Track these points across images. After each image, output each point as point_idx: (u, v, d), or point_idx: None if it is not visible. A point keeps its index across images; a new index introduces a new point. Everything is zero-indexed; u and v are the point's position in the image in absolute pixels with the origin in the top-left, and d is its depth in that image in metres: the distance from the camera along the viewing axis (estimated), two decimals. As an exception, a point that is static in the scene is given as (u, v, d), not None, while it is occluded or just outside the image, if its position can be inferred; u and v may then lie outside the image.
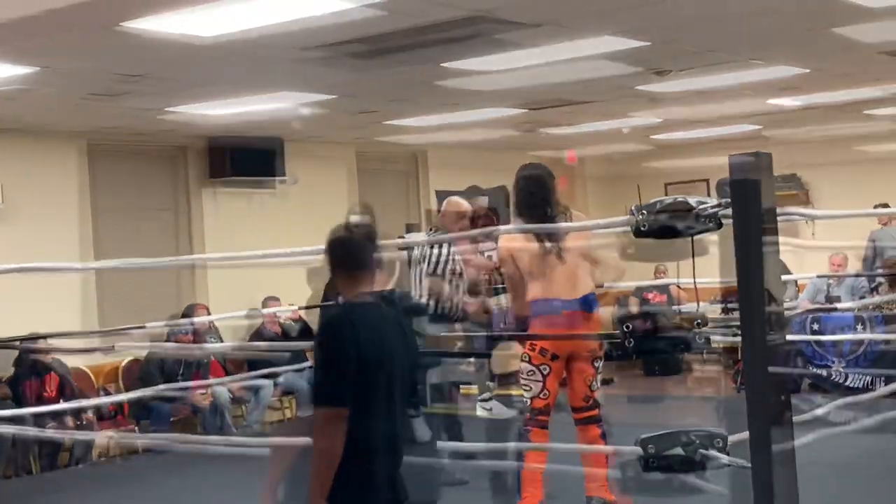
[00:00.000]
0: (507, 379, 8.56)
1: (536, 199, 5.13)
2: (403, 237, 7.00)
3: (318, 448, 3.17)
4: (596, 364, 5.10)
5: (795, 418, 3.67)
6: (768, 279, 3.39)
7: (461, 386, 8.36)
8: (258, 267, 8.59)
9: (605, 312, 5.32)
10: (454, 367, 8.39)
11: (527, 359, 5.09)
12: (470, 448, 5.17)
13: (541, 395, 5.06)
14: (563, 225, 5.00)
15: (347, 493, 3.16)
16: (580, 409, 5.11)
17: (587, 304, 5.04)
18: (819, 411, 4.51)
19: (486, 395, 7.90)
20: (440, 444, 5.64)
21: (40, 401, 8.01)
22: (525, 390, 5.12)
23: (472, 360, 8.52)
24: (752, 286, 3.40)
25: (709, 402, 8.96)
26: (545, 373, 5.04)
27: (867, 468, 5.62)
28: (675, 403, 5.06)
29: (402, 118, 9.86)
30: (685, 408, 6.27)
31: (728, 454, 3.75)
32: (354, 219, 6.65)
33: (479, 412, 7.82)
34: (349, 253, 3.31)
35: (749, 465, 3.47)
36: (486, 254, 7.59)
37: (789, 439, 3.51)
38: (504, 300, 7.19)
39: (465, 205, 6.80)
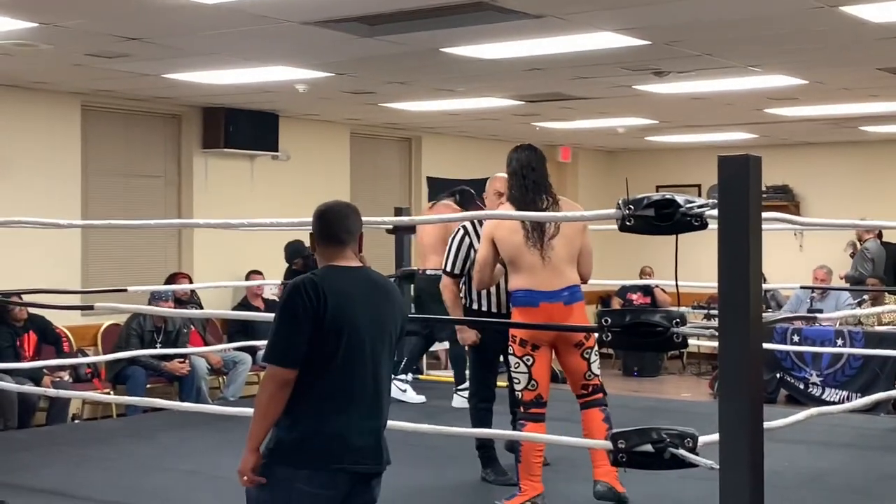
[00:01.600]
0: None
1: (529, 182, 5.03)
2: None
3: (257, 402, 3.32)
4: (585, 355, 4.97)
5: (766, 424, 3.68)
6: (751, 283, 3.39)
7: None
8: (244, 240, 8.57)
9: (588, 312, 5.27)
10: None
11: (511, 351, 5.00)
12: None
13: (528, 387, 4.95)
14: (547, 215, 4.93)
15: (306, 448, 3.26)
16: (579, 396, 5.05)
17: (569, 296, 4.94)
18: (790, 420, 4.53)
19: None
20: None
21: (17, 358, 8.00)
22: (515, 383, 5.03)
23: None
24: (732, 289, 3.40)
25: (683, 405, 8.99)
26: (529, 364, 4.93)
27: (830, 482, 5.63)
28: (649, 403, 5.09)
29: (398, 101, 9.84)
30: (658, 408, 6.30)
31: (697, 454, 3.76)
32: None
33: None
34: (324, 224, 3.45)
35: (717, 466, 3.48)
36: None
37: (759, 446, 3.52)
38: None
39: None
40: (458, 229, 5.72)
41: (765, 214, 3.52)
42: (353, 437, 3.30)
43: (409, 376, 8.31)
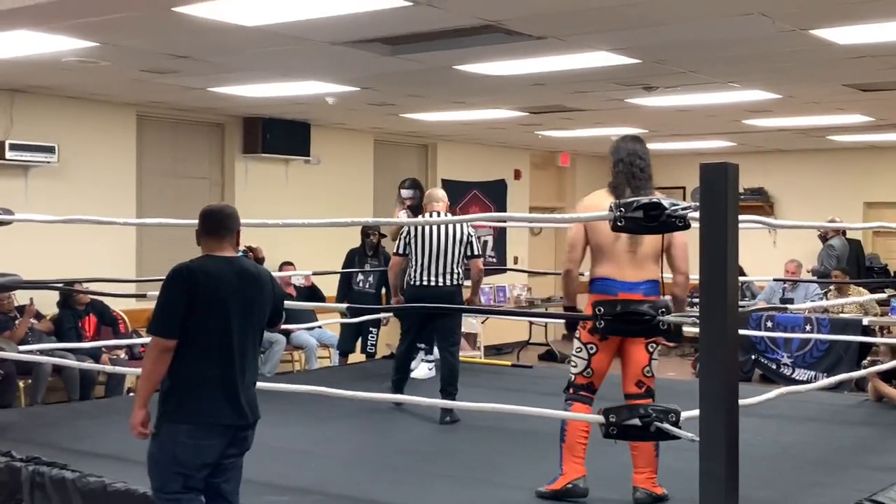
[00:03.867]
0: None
1: (635, 170, 4.53)
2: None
3: (143, 366, 3.60)
4: (650, 348, 4.50)
5: (742, 401, 3.69)
6: (728, 276, 3.39)
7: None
8: (279, 235, 8.59)
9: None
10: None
11: (577, 335, 4.55)
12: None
13: (584, 373, 4.50)
14: (539, 216, 4.93)
15: (185, 407, 3.54)
16: (632, 396, 4.46)
17: (648, 289, 4.39)
18: (763, 397, 4.53)
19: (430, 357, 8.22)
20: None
21: (79, 339, 8.05)
22: (572, 366, 4.57)
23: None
24: (712, 281, 3.40)
25: (669, 383, 8.99)
26: (591, 352, 4.47)
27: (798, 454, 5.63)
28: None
29: (416, 112, 9.85)
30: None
31: (680, 428, 3.77)
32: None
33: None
34: (205, 222, 3.77)
35: (697, 438, 3.49)
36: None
37: (735, 420, 3.52)
38: None
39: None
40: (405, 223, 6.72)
41: (741, 216, 3.51)
42: (224, 396, 3.56)
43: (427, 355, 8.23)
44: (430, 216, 6.77)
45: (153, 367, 3.53)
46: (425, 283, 6.60)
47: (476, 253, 6.77)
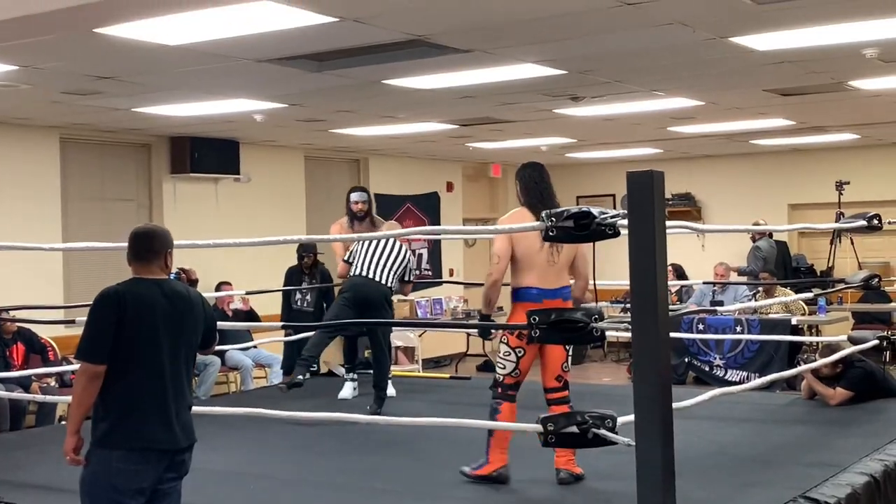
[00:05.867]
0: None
1: (544, 192, 5.05)
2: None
3: (73, 392, 3.53)
4: (567, 346, 5.00)
5: (676, 404, 3.75)
6: (658, 281, 3.45)
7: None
8: (210, 255, 8.50)
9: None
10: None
11: (505, 341, 4.98)
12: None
13: (512, 374, 4.95)
14: (480, 228, 4.99)
15: (118, 432, 3.46)
16: (552, 390, 5.00)
17: (566, 294, 4.98)
18: (697, 399, 4.61)
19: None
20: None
21: (7, 368, 7.86)
22: (499, 367, 4.98)
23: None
24: (642, 287, 3.46)
25: (605, 389, 9.08)
26: (520, 355, 4.91)
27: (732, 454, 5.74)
28: (574, 389, 5.14)
29: (346, 127, 9.84)
30: (583, 393, 6.37)
31: (616, 433, 3.82)
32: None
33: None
34: (132, 245, 3.70)
35: (633, 443, 3.54)
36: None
37: (670, 423, 3.58)
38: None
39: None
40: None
41: (669, 222, 3.58)
42: (156, 420, 3.50)
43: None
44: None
45: (83, 393, 3.46)
46: (364, 275, 7.08)
47: (409, 279, 7.33)
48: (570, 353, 5.04)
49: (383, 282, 7.08)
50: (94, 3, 4.60)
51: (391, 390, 7.59)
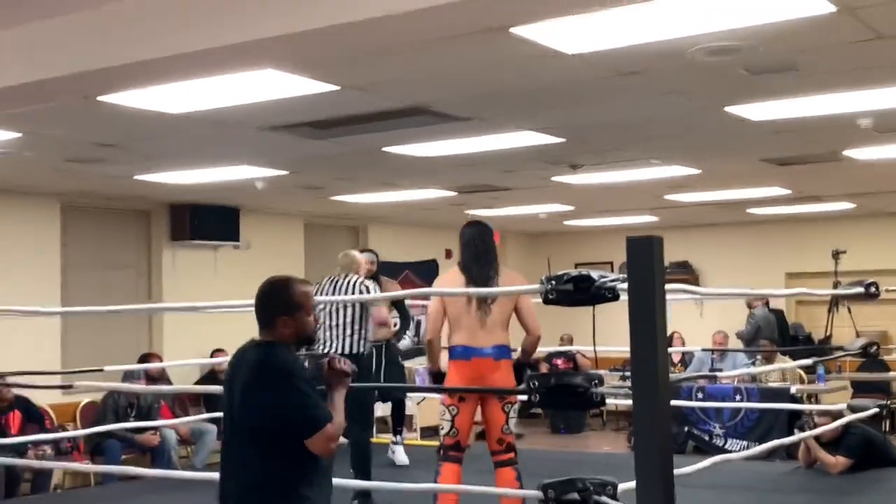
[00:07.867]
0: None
1: (479, 251, 5.12)
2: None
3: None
4: (506, 409, 5.00)
5: (677, 471, 3.70)
6: (658, 347, 3.42)
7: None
8: (208, 321, 8.47)
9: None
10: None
11: (441, 400, 5.10)
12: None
13: (450, 434, 5.02)
14: (483, 290, 4.95)
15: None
16: (495, 453, 5.03)
17: (497, 353, 5.00)
18: (698, 467, 4.55)
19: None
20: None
21: (3, 435, 7.76)
22: (441, 429, 5.07)
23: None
24: (643, 354, 3.43)
25: (605, 457, 8.98)
26: (454, 413, 5.00)
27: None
28: (574, 457, 5.08)
29: (346, 194, 9.88)
30: (583, 461, 6.31)
31: (618, 500, 3.76)
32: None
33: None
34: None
35: (635, 510, 3.48)
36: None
37: (671, 491, 3.52)
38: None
39: None
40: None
41: (668, 286, 3.56)
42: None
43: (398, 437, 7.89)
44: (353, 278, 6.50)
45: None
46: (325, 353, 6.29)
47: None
48: (512, 415, 5.03)
49: (346, 351, 6.09)
50: (96, 71, 4.63)
51: (404, 458, 7.52)
